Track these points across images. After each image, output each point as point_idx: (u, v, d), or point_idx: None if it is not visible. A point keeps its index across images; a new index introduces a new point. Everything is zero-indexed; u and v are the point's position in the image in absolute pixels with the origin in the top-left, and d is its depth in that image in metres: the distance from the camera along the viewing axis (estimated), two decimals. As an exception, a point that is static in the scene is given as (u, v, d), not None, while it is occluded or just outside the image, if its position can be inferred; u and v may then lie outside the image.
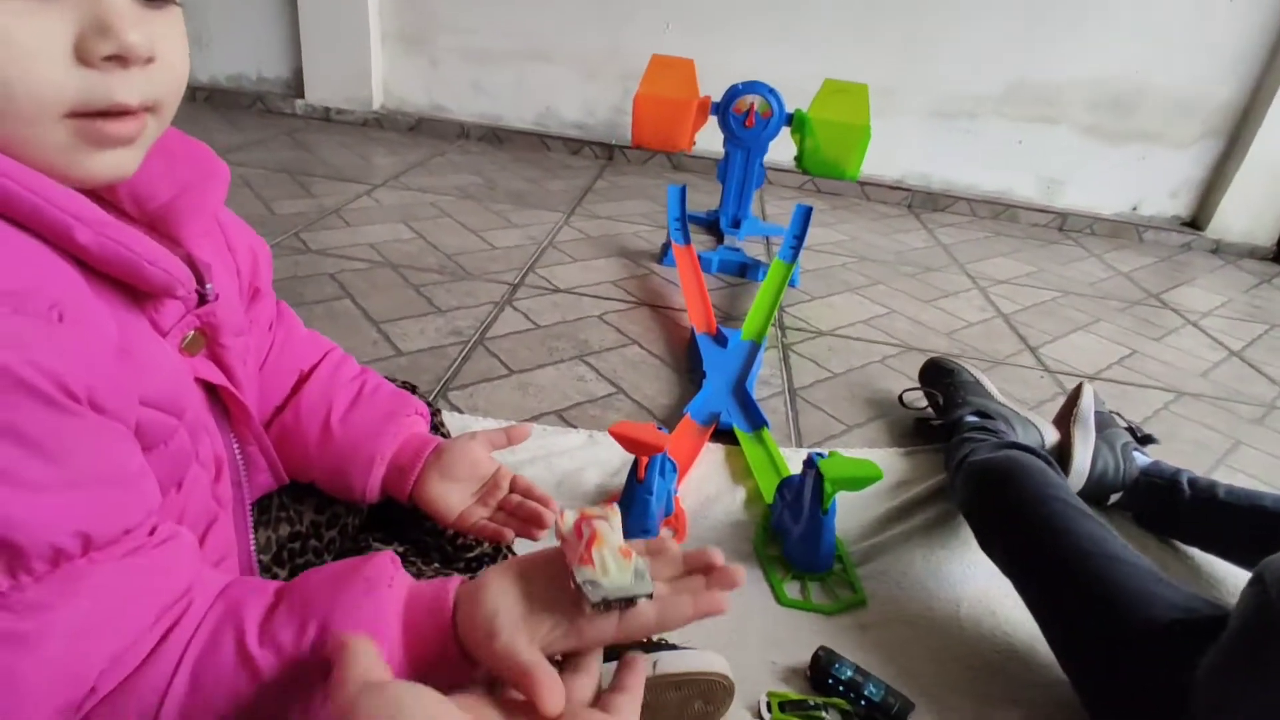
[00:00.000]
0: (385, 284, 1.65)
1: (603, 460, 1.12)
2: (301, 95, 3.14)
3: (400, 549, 0.74)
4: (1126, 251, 2.71)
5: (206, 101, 3.14)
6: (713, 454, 1.18)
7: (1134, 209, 2.99)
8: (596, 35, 2.93)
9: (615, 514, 0.45)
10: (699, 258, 1.86)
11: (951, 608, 0.93)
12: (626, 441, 0.88)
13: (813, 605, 0.91)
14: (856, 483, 0.87)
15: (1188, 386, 1.66)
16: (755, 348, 1.47)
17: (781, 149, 2.10)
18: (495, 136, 3.08)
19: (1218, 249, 2.88)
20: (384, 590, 0.42)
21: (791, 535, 0.95)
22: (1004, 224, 2.87)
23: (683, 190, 2.03)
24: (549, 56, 3.01)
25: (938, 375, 1.31)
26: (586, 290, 1.74)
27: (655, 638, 0.74)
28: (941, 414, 1.23)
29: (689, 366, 1.45)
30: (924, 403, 1.34)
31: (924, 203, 2.95)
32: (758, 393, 1.37)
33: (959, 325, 1.83)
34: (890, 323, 1.79)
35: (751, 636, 0.85)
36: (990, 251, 2.48)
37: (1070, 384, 1.60)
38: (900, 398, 1.35)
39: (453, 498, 0.64)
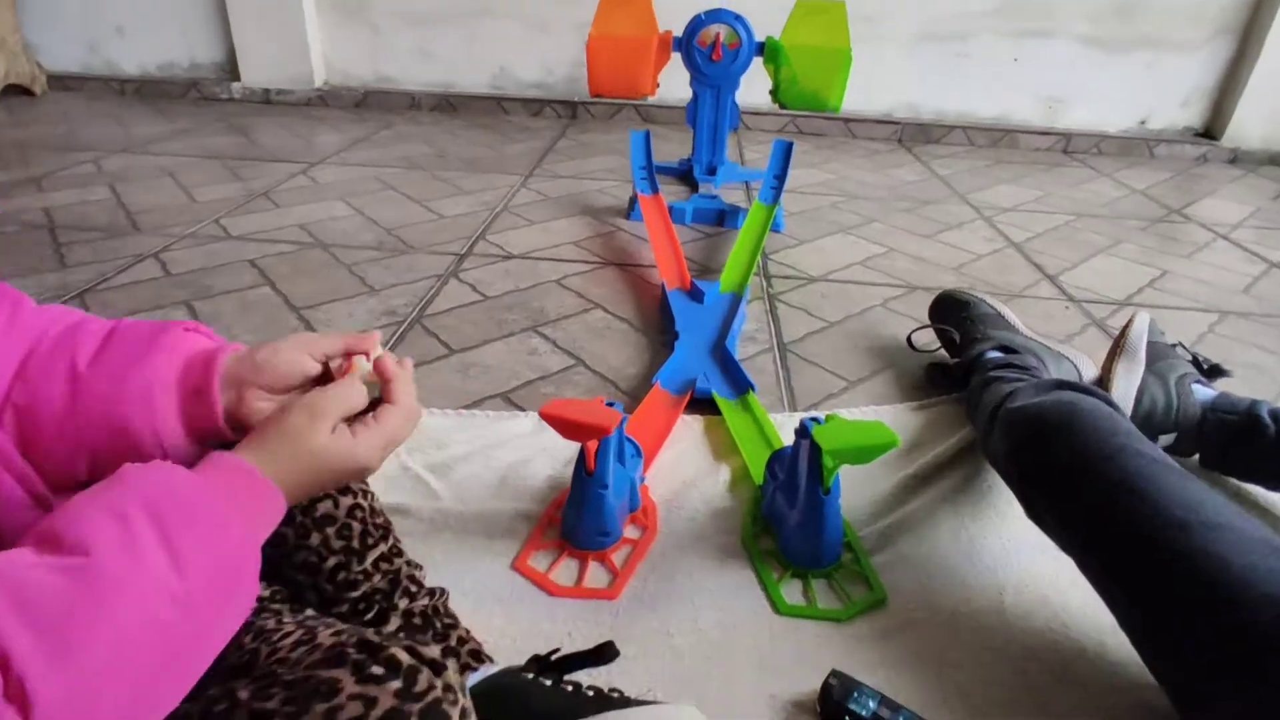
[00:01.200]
0: (313, 266, 1.45)
1: (554, 448, 0.93)
2: (238, 78, 2.91)
3: (266, 592, 0.55)
4: (1139, 169, 2.49)
5: (136, 94, 2.92)
6: (689, 428, 0.99)
7: (1142, 123, 2.76)
8: (546, -17, 2.70)
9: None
10: (670, 209, 1.65)
11: (994, 598, 0.74)
12: (562, 425, 0.68)
13: (819, 611, 0.72)
14: (863, 453, 0.68)
15: (1230, 305, 1.46)
16: (736, 300, 1.27)
17: (755, 87, 1.89)
18: (448, 104, 2.86)
19: (1235, 158, 2.66)
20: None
21: (788, 523, 0.76)
22: (1004, 151, 2.65)
23: (646, 136, 1.81)
24: (498, 12, 2.77)
25: (951, 310, 1.11)
26: (544, 254, 1.54)
27: (609, 689, 0.55)
28: (958, 353, 1.04)
29: (661, 329, 1.26)
30: (937, 344, 1.14)
31: (915, 135, 2.72)
32: (742, 351, 1.17)
33: (967, 258, 1.63)
34: (889, 262, 1.59)
35: (741, 661, 0.67)
36: (992, 180, 2.26)
37: (1099, 313, 1.40)
38: (909, 339, 1.16)
39: None
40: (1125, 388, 0.92)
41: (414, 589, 0.61)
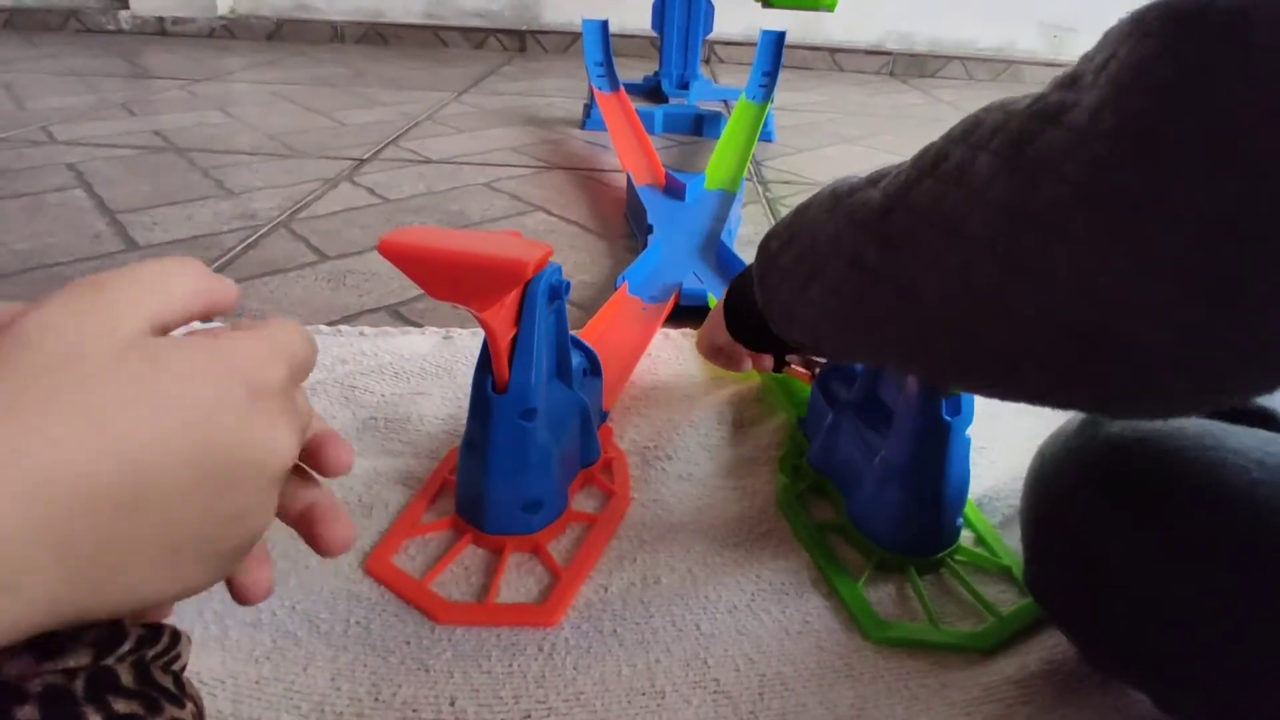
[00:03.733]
0: (154, 170, 1.07)
1: (462, 372, 0.58)
2: (126, 6, 2.48)
3: None
4: (1159, 98, 2.21)
5: (7, 25, 2.47)
6: (674, 346, 0.64)
7: (1157, 53, 2.49)
8: (486, -112, 2.32)
9: None
10: (638, 114, 1.30)
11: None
12: (425, 265, 0.31)
13: (944, 636, 0.38)
14: None
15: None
16: (728, 198, 0.93)
17: (723, 15, 1.57)
18: (378, 35, 2.47)
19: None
20: None
21: (865, 478, 0.42)
22: (1006, 84, 2.35)
23: (603, 25, 1.46)
24: (431, -76, 2.39)
25: None
26: (471, 159, 1.18)
27: None
28: None
29: (626, 233, 0.91)
30: None
31: (908, 67, 2.41)
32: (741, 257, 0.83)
33: (1006, 166, 1.31)
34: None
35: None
36: (1005, 103, 1.95)
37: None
38: None
39: None
40: None
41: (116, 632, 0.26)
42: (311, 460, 0.23)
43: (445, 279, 0.32)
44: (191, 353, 0.17)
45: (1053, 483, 0.36)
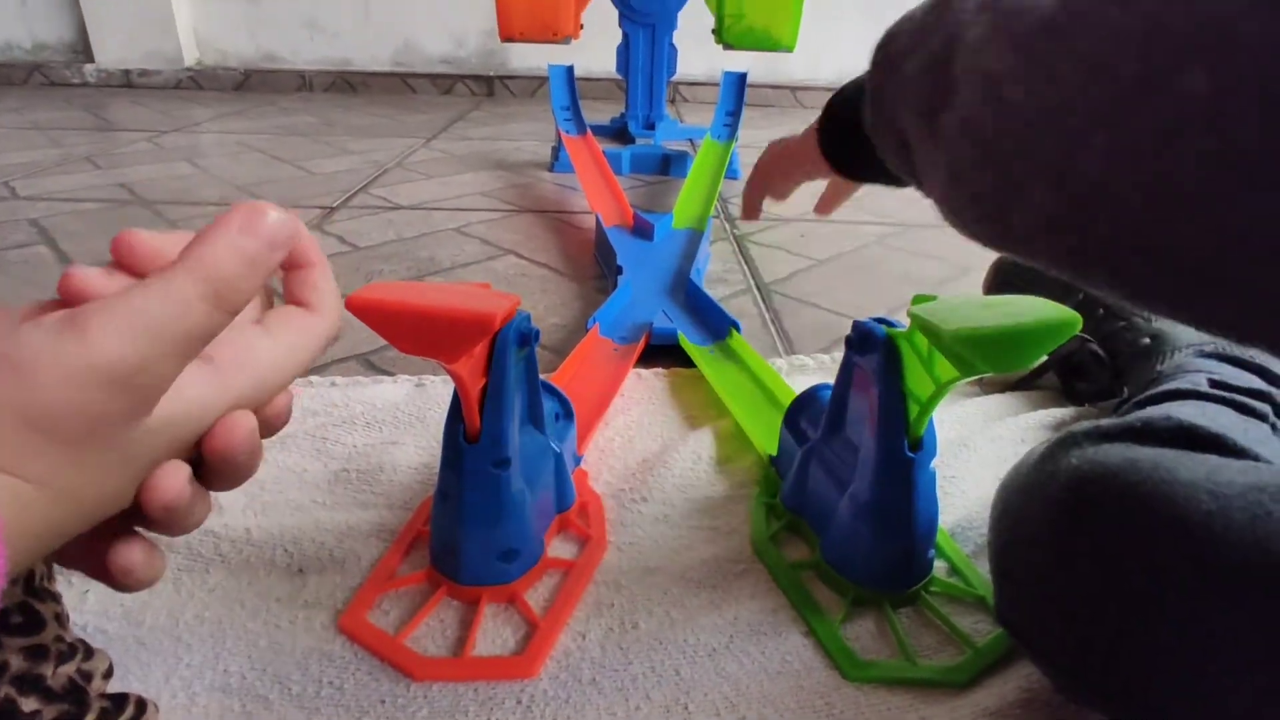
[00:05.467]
0: (120, 223, 1.06)
1: (434, 421, 0.58)
2: (91, 59, 2.48)
3: None
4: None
5: (-33, 81, 2.45)
6: (646, 386, 0.65)
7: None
8: (451, -60, 2.37)
9: None
10: (605, 155, 1.33)
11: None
12: (395, 321, 0.32)
13: (922, 671, 0.38)
14: (1020, 342, 0.33)
15: None
16: (696, 237, 0.95)
17: (689, 56, 1.62)
18: (346, 84, 2.49)
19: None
20: None
21: (836, 516, 0.43)
22: (963, 116, 2.42)
23: (569, 70, 1.49)
24: (397, -25, 2.43)
25: (1041, 295, 0.59)
26: (441, 205, 1.19)
27: None
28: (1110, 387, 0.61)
29: (596, 274, 0.92)
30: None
31: (868, 102, 2.48)
32: (710, 294, 0.85)
33: (965, 197, 1.35)
34: (876, 203, 1.29)
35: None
36: (962, 135, 2.02)
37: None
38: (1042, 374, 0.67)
39: None
40: None
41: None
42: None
43: (413, 334, 0.32)
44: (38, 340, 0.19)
45: (1017, 517, 0.37)
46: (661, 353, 0.69)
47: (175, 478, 0.21)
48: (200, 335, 0.20)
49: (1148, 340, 0.58)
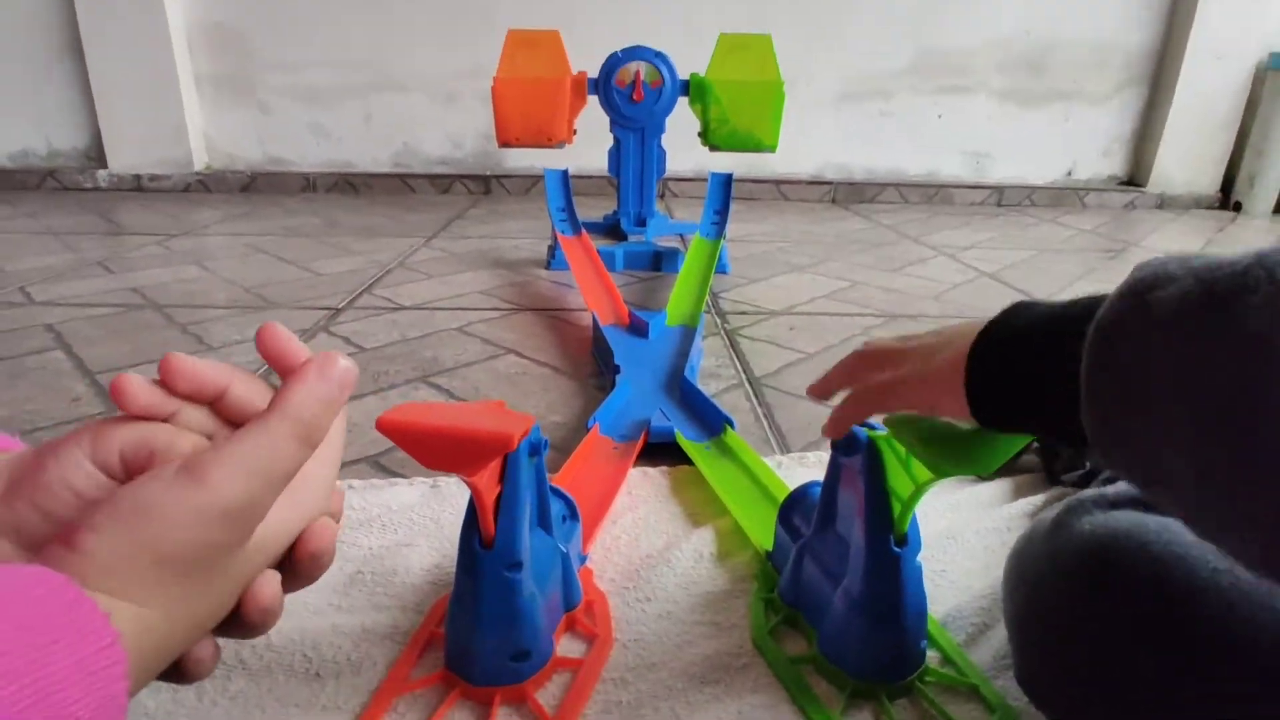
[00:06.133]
0: (134, 328, 1.10)
1: (448, 523, 0.60)
2: (104, 165, 2.58)
3: None
4: (1075, 215, 2.41)
5: (-17, 187, 2.55)
6: (648, 483, 0.68)
7: (1069, 174, 2.73)
8: (449, 53, 2.52)
9: None
10: (599, 253, 1.40)
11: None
12: (422, 441, 0.35)
13: (915, 760, 0.40)
14: (985, 448, 0.37)
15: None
16: (689, 333, 0.99)
17: (678, 155, 1.73)
18: (348, 184, 2.59)
19: (1162, 203, 2.63)
20: None
21: (831, 607, 0.45)
22: (939, 206, 2.54)
23: (564, 174, 1.58)
24: (398, 85, 2.57)
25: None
26: (443, 304, 1.24)
27: None
28: (1070, 459, 0.66)
29: (594, 372, 0.96)
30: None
31: (849, 195, 2.60)
32: (703, 390, 0.88)
33: (943, 287, 1.41)
34: (860, 294, 1.35)
35: None
36: (939, 227, 2.12)
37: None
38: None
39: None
40: None
41: None
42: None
43: (439, 452, 0.36)
44: (168, 491, 0.23)
45: (1035, 584, 0.39)
46: (661, 449, 0.72)
47: (271, 585, 0.25)
48: (295, 470, 0.24)
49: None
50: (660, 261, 1.51)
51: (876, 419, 0.44)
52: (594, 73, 1.59)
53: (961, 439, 0.35)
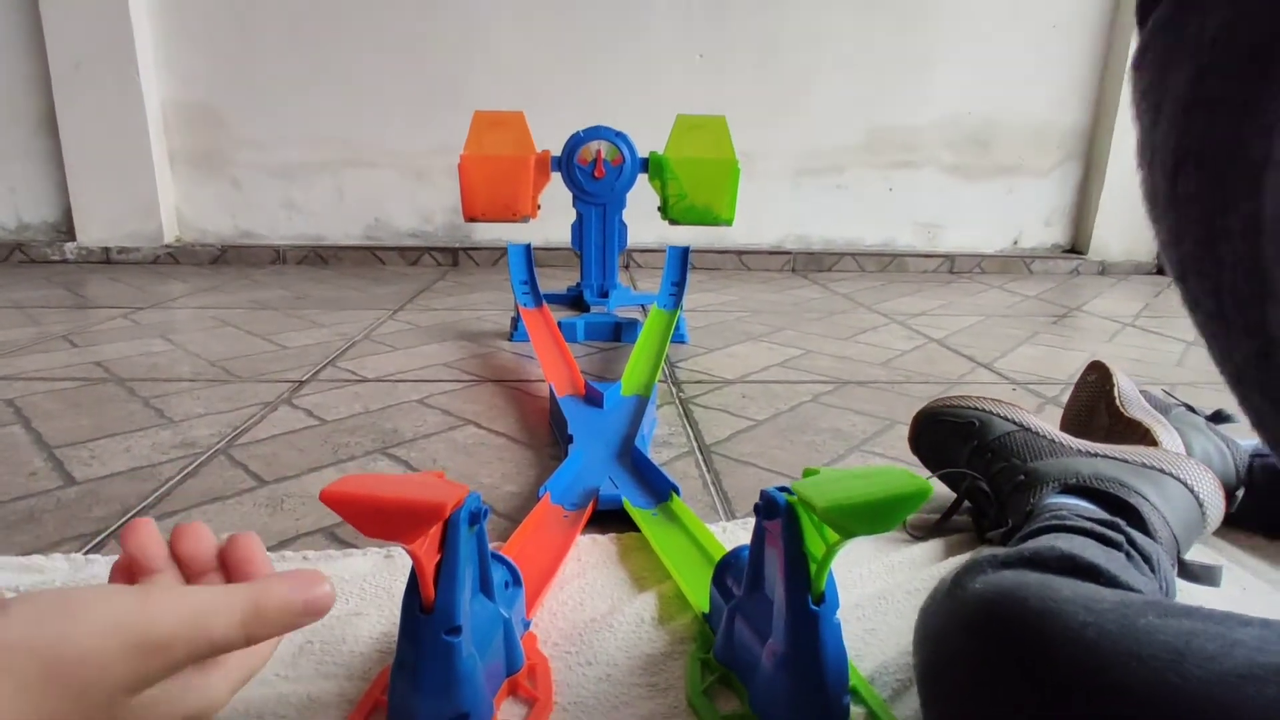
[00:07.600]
0: (95, 402, 1.11)
1: (396, 592, 0.62)
2: (73, 238, 2.60)
3: None
4: (1022, 282, 2.52)
5: (-53, 261, 2.55)
6: (596, 550, 0.70)
7: (1015, 242, 2.86)
8: (418, 131, 2.61)
9: None
10: (560, 325, 1.44)
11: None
12: (359, 510, 0.38)
13: (833, 812, 0.42)
14: (879, 510, 0.41)
15: (1172, 376, 1.35)
16: (643, 403, 1.03)
17: (638, 226, 1.80)
18: (318, 257, 2.64)
19: (1104, 270, 2.77)
20: None
21: (759, 666, 0.48)
22: (894, 274, 2.65)
23: (527, 248, 1.63)
24: (369, 161, 2.65)
25: (946, 440, 0.75)
26: (406, 376, 1.27)
27: None
28: (993, 512, 0.70)
29: (549, 441, 0.99)
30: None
31: (808, 264, 2.70)
32: (655, 457, 0.92)
33: (891, 354, 1.47)
34: (811, 361, 1.40)
35: None
36: (892, 295, 2.20)
37: (1047, 393, 1.24)
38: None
39: None
40: (1169, 440, 0.72)
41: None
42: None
43: (377, 521, 0.38)
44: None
45: (937, 639, 0.43)
46: (610, 516, 0.75)
47: None
48: (220, 646, 0.26)
49: (1022, 477, 0.66)
50: (620, 332, 1.56)
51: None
52: (557, 151, 1.66)
53: (856, 506, 0.39)
